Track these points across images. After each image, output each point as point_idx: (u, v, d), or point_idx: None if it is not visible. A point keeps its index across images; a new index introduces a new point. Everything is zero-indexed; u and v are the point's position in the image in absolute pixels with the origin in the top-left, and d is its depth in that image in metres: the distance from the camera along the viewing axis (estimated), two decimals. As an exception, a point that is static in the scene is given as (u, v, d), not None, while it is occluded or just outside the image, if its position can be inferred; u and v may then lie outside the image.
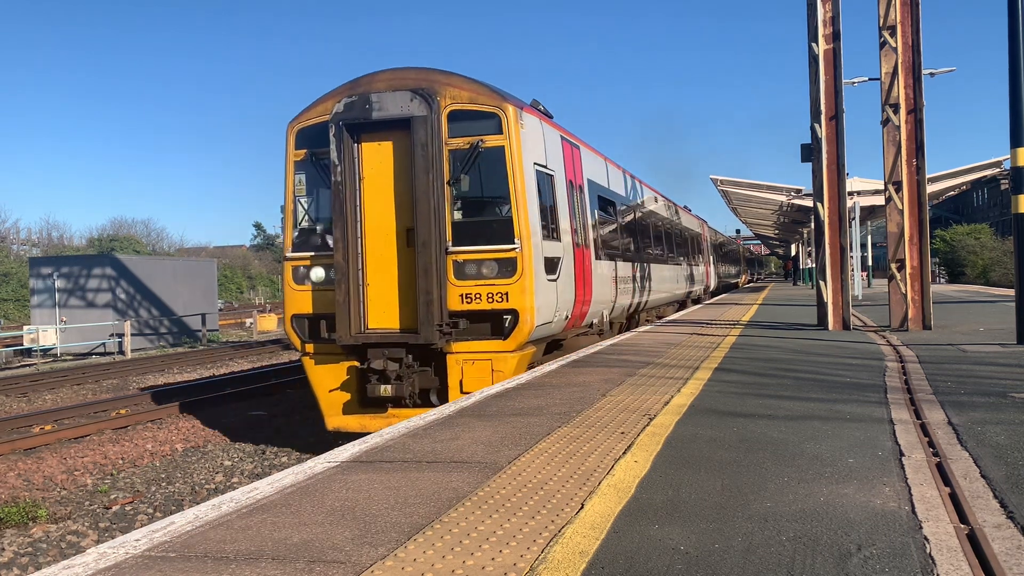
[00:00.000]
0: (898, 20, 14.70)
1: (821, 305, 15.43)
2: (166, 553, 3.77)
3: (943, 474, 4.78)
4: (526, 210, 11.05)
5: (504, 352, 10.95)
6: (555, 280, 11.89)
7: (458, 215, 11.17)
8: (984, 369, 9.30)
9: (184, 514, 4.43)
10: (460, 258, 10.96)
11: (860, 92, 34.75)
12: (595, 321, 14.94)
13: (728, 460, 5.18)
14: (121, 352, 30.40)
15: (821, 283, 15.33)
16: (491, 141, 11.04)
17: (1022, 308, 11.80)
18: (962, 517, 3.98)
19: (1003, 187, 62.44)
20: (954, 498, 4.29)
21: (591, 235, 14.57)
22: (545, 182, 12.12)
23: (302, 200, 11.85)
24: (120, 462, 12.56)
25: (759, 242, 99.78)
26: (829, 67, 14.98)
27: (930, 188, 23.20)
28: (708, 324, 17.50)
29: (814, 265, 16.46)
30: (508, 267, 10.88)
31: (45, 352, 29.93)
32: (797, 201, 36.99)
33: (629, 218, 19.43)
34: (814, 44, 15.01)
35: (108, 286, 32.48)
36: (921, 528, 3.80)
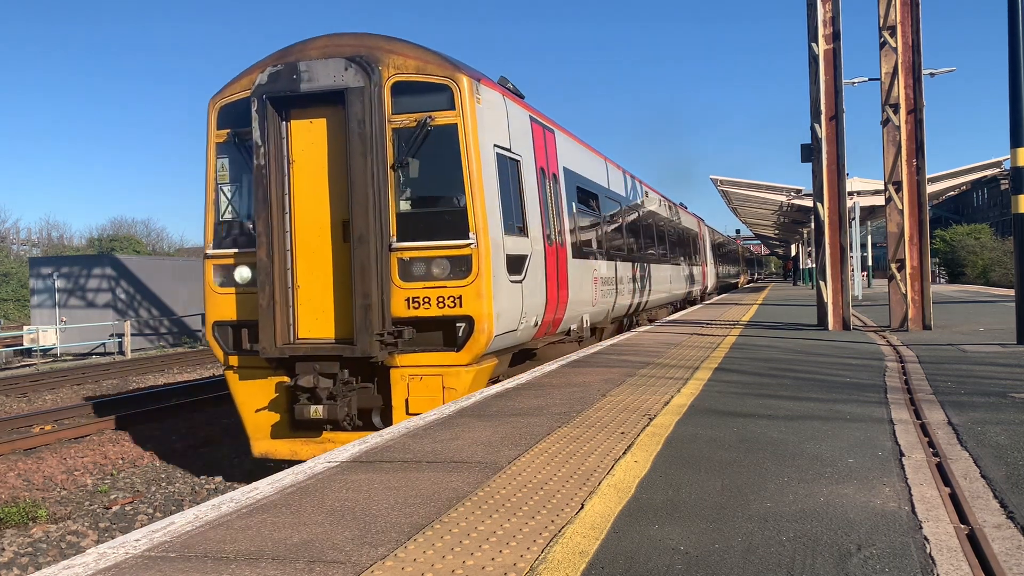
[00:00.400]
0: (898, 20, 14.70)
1: (821, 305, 15.44)
2: (166, 553, 3.77)
3: (943, 474, 4.78)
4: (483, 199, 9.52)
5: (457, 366, 9.43)
6: (520, 281, 10.43)
7: (405, 205, 9.64)
8: (984, 369, 9.30)
9: (184, 514, 4.43)
10: (406, 255, 9.45)
11: (860, 92, 34.77)
12: (573, 327, 13.59)
13: (728, 460, 5.18)
14: (121, 352, 30.41)
15: (821, 283, 15.33)
16: (441, 118, 9.49)
17: (1022, 308, 11.81)
18: (962, 517, 3.98)
19: (1003, 187, 62.46)
20: (954, 498, 4.29)
21: (568, 231, 13.15)
22: (508, 168, 10.61)
23: (225, 189, 10.32)
24: (120, 462, 12.57)
25: (759, 242, 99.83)
26: (829, 67, 14.98)
27: (930, 188, 23.22)
28: (708, 324, 17.50)
29: (814, 265, 16.47)
30: (461, 266, 9.35)
31: (45, 352, 29.94)
32: (797, 201, 37.02)
33: (615, 213, 17.92)
34: (814, 44, 15.02)
35: (108, 286, 32.51)
36: (921, 528, 3.80)
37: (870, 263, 44.06)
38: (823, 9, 14.92)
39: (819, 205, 15.12)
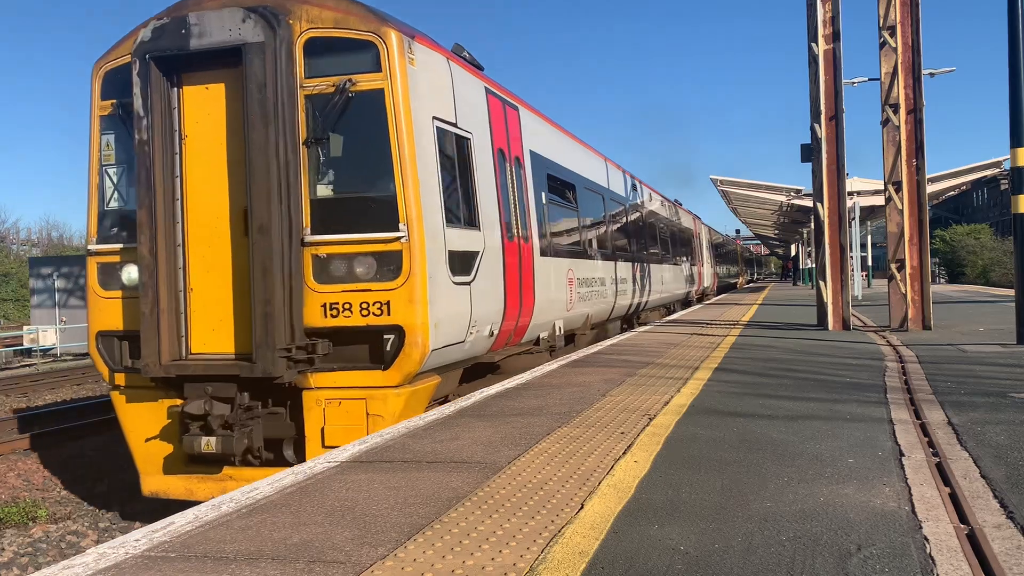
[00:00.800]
0: (898, 20, 14.70)
1: (821, 305, 15.44)
2: (166, 553, 3.77)
3: (943, 474, 4.78)
4: (416, 182, 7.87)
5: (385, 388, 7.83)
6: (469, 283, 8.84)
7: (323, 190, 8.07)
8: (984, 369, 9.30)
9: (184, 514, 4.43)
10: (322, 251, 7.84)
11: (860, 92, 34.81)
12: (543, 335, 12.01)
13: (728, 460, 5.18)
14: (121, 352, 30.41)
15: (821, 283, 15.33)
16: (365, 82, 7.89)
17: (1022, 308, 11.81)
18: (962, 517, 3.98)
19: (1003, 187, 62.48)
20: (954, 498, 4.29)
21: (535, 224, 11.47)
22: (454, 146, 9.00)
23: (110, 171, 8.72)
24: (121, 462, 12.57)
25: (759, 242, 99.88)
26: (829, 67, 14.98)
27: (930, 188, 23.23)
28: (708, 324, 17.50)
29: (814, 265, 16.47)
30: (389, 264, 7.77)
31: (45, 352, 29.95)
32: (797, 201, 37.02)
33: (596, 207, 16.19)
34: (814, 44, 15.02)
35: (108, 286, 32.49)
36: (921, 528, 3.80)
37: (870, 263, 44.08)
38: (823, 9, 14.92)
39: (819, 205, 15.12)
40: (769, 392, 7.91)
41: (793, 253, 64.39)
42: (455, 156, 9.03)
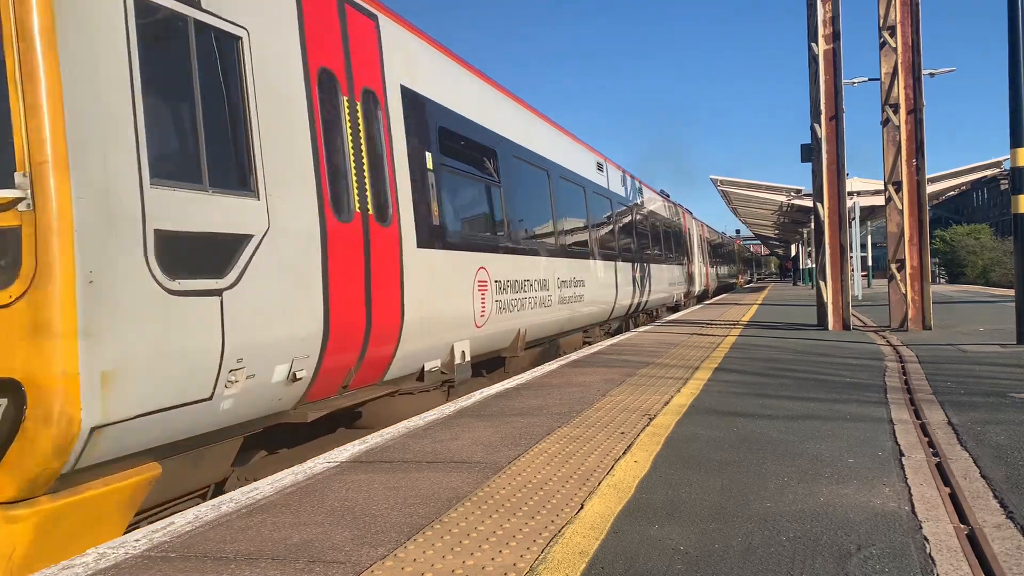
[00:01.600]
0: (898, 20, 14.71)
1: (821, 305, 15.45)
2: (166, 553, 3.77)
3: (943, 474, 4.78)
4: (57, 92, 4.30)
5: None
6: (221, 290, 5.30)
7: None
8: (984, 369, 9.30)
9: (184, 514, 4.43)
10: None
11: (860, 92, 34.85)
12: (431, 367, 8.66)
13: (728, 460, 5.18)
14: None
15: (821, 283, 15.33)
16: None
17: (1022, 308, 11.81)
18: (962, 517, 3.98)
19: (1003, 187, 62.55)
20: (954, 498, 4.29)
21: (407, 198, 8.05)
22: (191, 41, 5.33)
23: None
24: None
25: (759, 242, 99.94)
26: (829, 67, 14.99)
27: (930, 188, 23.24)
28: (708, 324, 17.51)
29: (814, 265, 16.48)
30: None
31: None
32: (797, 201, 37.03)
33: (535, 185, 12.69)
34: (814, 44, 15.02)
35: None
36: (921, 528, 3.80)
37: (870, 263, 44.09)
38: (823, 9, 14.93)
39: (819, 205, 15.12)
40: (769, 392, 7.91)
41: (793, 253, 64.43)
42: (196, 61, 5.37)
